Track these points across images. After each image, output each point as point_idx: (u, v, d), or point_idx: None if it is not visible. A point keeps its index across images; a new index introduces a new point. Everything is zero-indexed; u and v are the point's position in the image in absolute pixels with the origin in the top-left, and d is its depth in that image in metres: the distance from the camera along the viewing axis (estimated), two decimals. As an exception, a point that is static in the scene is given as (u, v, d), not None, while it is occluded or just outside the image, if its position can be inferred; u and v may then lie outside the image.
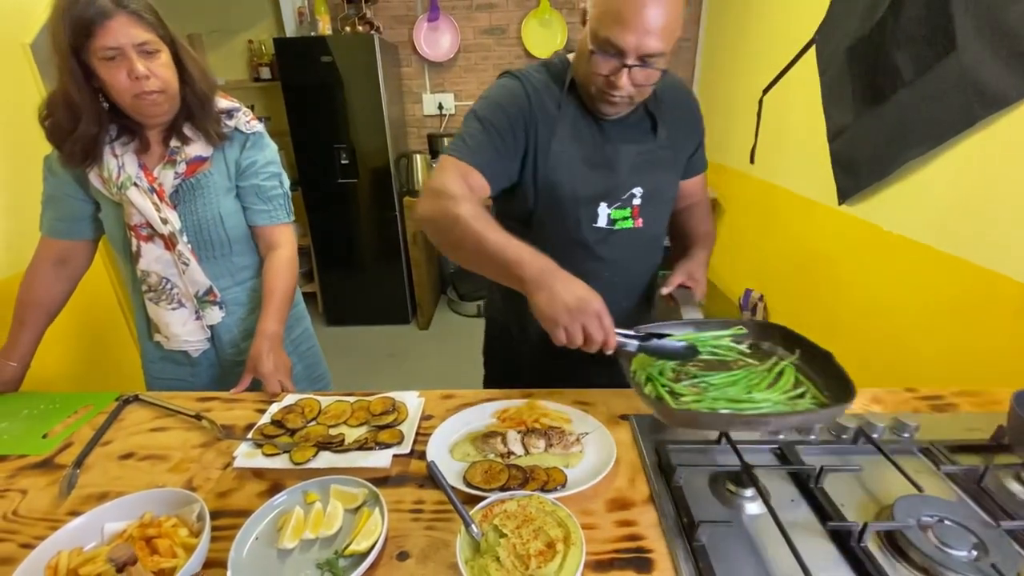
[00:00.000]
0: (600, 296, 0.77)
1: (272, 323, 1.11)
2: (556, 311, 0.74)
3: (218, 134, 1.08)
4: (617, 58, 0.83)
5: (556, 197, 0.99)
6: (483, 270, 0.84)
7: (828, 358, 0.81)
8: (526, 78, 0.99)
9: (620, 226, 1.02)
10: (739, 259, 2.88)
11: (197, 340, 1.15)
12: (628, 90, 0.87)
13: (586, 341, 0.75)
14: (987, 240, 1.38)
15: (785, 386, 0.81)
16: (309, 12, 3.20)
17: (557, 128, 0.97)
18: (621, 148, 1.00)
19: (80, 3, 0.88)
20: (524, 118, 0.96)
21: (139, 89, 0.94)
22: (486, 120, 0.94)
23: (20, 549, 0.69)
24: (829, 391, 0.78)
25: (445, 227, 0.85)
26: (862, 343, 1.85)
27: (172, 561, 0.63)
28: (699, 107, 1.11)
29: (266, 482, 0.80)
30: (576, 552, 0.59)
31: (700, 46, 3.29)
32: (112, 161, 1.02)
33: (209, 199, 1.10)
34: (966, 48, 1.37)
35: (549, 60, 1.03)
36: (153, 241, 1.07)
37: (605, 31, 0.82)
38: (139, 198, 1.03)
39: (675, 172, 1.09)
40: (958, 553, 0.61)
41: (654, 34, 0.80)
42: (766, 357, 0.88)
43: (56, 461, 0.87)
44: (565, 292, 0.74)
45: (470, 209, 0.84)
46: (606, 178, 0.99)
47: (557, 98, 0.98)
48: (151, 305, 1.13)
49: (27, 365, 1.11)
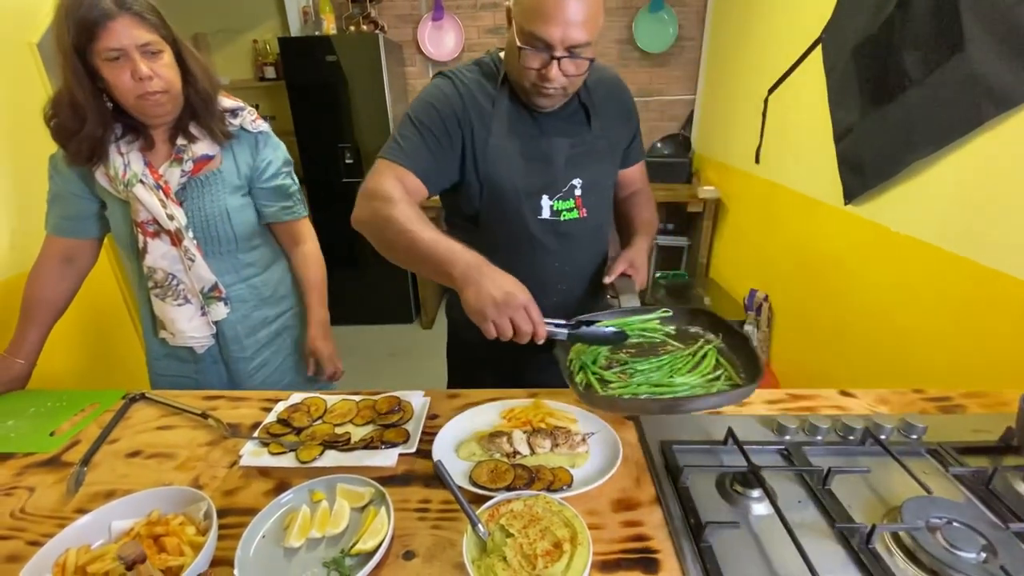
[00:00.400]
0: (527, 289, 0.79)
1: (321, 310, 1.27)
2: (483, 305, 0.76)
3: (223, 132, 1.09)
4: (546, 51, 0.86)
5: (499, 193, 1.01)
6: (417, 269, 0.89)
7: (746, 341, 0.87)
8: (458, 77, 1.00)
9: (566, 217, 1.05)
10: (744, 259, 2.87)
11: (202, 336, 1.16)
12: (560, 81, 0.90)
13: (516, 333, 0.78)
14: (995, 241, 1.37)
15: (705, 369, 0.85)
16: (314, 11, 3.21)
17: (493, 125, 0.98)
18: (557, 141, 1.02)
19: (84, 5, 0.89)
20: (457, 117, 0.97)
21: (142, 90, 0.95)
22: (420, 122, 0.95)
23: (28, 547, 0.69)
24: (746, 373, 0.83)
25: (379, 228, 0.88)
26: (869, 344, 1.84)
27: (179, 559, 0.63)
28: (632, 98, 1.14)
29: (272, 480, 0.80)
30: (583, 552, 0.59)
31: (705, 45, 3.28)
32: (118, 159, 1.03)
33: (216, 196, 1.11)
34: (974, 48, 1.36)
35: (480, 59, 1.04)
36: (159, 237, 1.08)
37: (531, 26, 0.84)
38: (145, 195, 1.04)
39: (612, 162, 1.12)
40: (967, 555, 0.61)
41: (577, 25, 0.83)
42: (693, 341, 0.93)
43: (63, 459, 0.87)
44: (492, 286, 0.77)
45: (403, 210, 0.86)
46: (544, 171, 1.02)
47: (491, 95, 0.99)
48: (157, 301, 1.13)
49: (34, 363, 1.11)
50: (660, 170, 3.24)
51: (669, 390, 0.82)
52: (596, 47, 0.90)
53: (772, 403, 0.97)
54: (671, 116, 3.51)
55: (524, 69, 0.90)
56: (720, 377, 0.84)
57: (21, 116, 1.41)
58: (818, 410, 0.95)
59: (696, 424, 0.89)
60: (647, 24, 3.24)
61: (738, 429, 0.82)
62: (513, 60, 0.93)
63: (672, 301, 2.94)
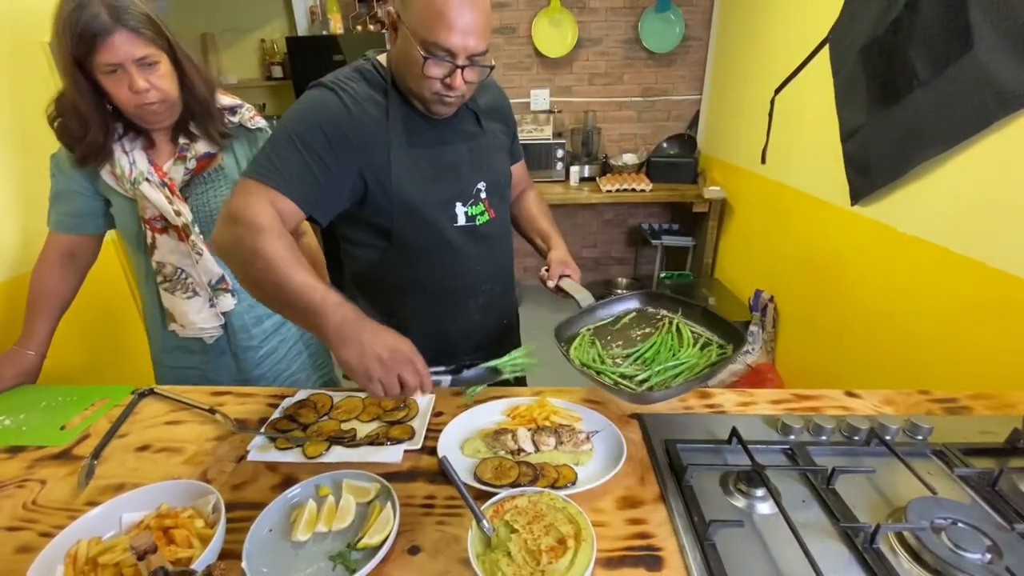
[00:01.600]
0: (410, 340, 0.77)
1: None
2: (368, 365, 0.73)
3: (220, 134, 1.11)
4: (449, 60, 0.85)
5: (412, 208, 0.96)
6: (285, 314, 0.81)
7: (706, 311, 0.99)
8: (342, 89, 0.91)
9: (480, 221, 1.05)
10: (750, 260, 2.86)
11: (211, 327, 1.18)
12: (462, 89, 0.90)
13: (403, 388, 0.75)
14: (1004, 242, 1.36)
15: (690, 341, 0.95)
16: (321, 11, 3.22)
17: (391, 137, 0.93)
18: (458, 147, 1.02)
19: (81, 20, 0.91)
20: (347, 136, 0.89)
21: (140, 101, 0.98)
22: (303, 142, 0.86)
23: (39, 538, 0.70)
24: (725, 339, 0.94)
25: (243, 260, 0.79)
26: (875, 345, 1.83)
27: (188, 551, 0.64)
28: (507, 97, 1.16)
29: (279, 475, 0.81)
30: (587, 549, 0.59)
31: (712, 45, 3.27)
32: (123, 158, 1.06)
33: (220, 191, 1.14)
34: (983, 47, 1.36)
35: (359, 66, 0.97)
36: (167, 233, 1.10)
37: (432, 36, 0.83)
38: (152, 192, 1.06)
39: (505, 159, 1.14)
40: (972, 556, 0.61)
41: (476, 34, 0.84)
42: (659, 322, 1.02)
43: (74, 452, 0.88)
44: (376, 343, 0.73)
45: (272, 243, 0.77)
46: (455, 179, 1.01)
47: (381, 105, 0.93)
48: (166, 295, 1.16)
49: (44, 354, 1.13)
50: (666, 170, 3.23)
51: (685, 367, 0.88)
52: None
53: (777, 403, 0.97)
54: (677, 116, 3.51)
55: (426, 79, 0.87)
56: (709, 345, 0.94)
57: (32, 115, 1.42)
58: (823, 410, 0.95)
59: (700, 423, 0.89)
60: (653, 24, 3.23)
61: (742, 428, 0.82)
62: (409, 70, 0.88)
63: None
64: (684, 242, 3.29)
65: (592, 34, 3.29)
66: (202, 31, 3.38)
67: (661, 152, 3.42)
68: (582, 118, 3.41)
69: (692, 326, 0.99)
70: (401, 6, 0.86)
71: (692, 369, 0.88)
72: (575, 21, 3.23)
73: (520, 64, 3.37)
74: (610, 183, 3.08)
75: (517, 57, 3.36)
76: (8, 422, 0.96)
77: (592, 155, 3.40)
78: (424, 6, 0.82)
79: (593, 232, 3.82)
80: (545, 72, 3.39)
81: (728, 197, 3.02)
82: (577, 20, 3.24)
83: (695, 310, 1.01)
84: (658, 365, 0.89)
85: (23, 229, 1.44)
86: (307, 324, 0.77)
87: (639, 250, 3.84)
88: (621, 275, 3.81)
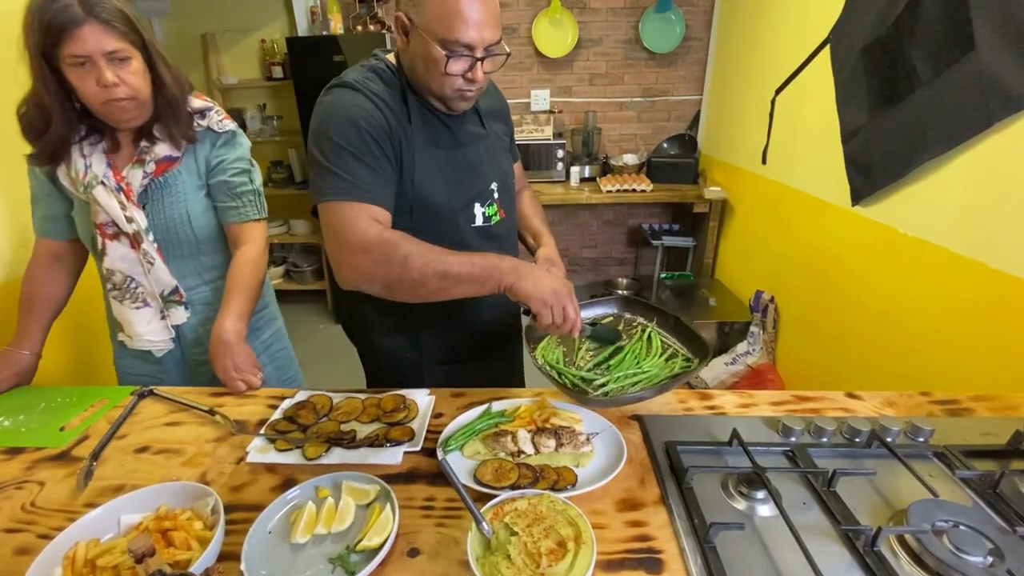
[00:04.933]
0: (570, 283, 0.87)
1: (228, 320, 1.06)
2: (544, 293, 0.84)
3: (186, 136, 1.07)
4: (469, 55, 0.87)
5: (432, 207, 0.98)
6: (452, 294, 0.88)
7: (678, 321, 1.02)
8: (368, 89, 0.92)
9: (494, 221, 1.08)
10: (750, 260, 2.85)
11: (160, 340, 1.15)
12: (482, 81, 0.92)
13: (564, 320, 0.86)
14: (1005, 243, 1.36)
15: (658, 351, 0.98)
16: (321, 11, 3.22)
17: (415, 138, 0.95)
18: (475, 147, 1.03)
19: (50, 10, 0.88)
20: (387, 134, 0.91)
21: (108, 96, 0.95)
22: (356, 149, 0.88)
23: (38, 540, 0.70)
24: (691, 350, 0.97)
25: (398, 274, 0.86)
26: (876, 346, 1.83)
27: (187, 553, 0.64)
28: (504, 98, 1.17)
29: (279, 477, 0.81)
30: (587, 551, 0.59)
31: (712, 45, 3.26)
32: (80, 161, 1.03)
33: (177, 198, 1.09)
34: (984, 48, 1.35)
35: (374, 67, 0.97)
36: (118, 239, 1.07)
37: (451, 33, 0.85)
38: (105, 197, 1.03)
39: (509, 159, 1.16)
40: (973, 559, 0.61)
41: (491, 25, 0.86)
42: (633, 328, 1.06)
43: (73, 454, 0.88)
44: (549, 277, 0.86)
45: (412, 246, 0.86)
46: (475, 180, 1.03)
47: (402, 107, 0.95)
48: (115, 303, 1.13)
49: (38, 354, 1.12)
50: (666, 170, 3.23)
51: (644, 377, 0.91)
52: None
53: (777, 404, 0.97)
54: (677, 116, 3.50)
55: (447, 76, 0.89)
56: (675, 356, 0.96)
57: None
58: (824, 412, 0.95)
59: (700, 425, 0.89)
60: (654, 24, 3.23)
61: (743, 430, 0.82)
62: (429, 70, 0.89)
63: (677, 302, 2.93)
64: (684, 242, 3.29)
65: (592, 34, 3.29)
66: (202, 31, 3.38)
67: (661, 152, 3.42)
68: (582, 118, 3.41)
69: (664, 336, 1.02)
70: (412, 9, 0.86)
71: (652, 379, 0.91)
72: (575, 21, 3.23)
73: (520, 64, 3.37)
74: (610, 183, 3.08)
75: (517, 57, 3.36)
76: (7, 423, 0.96)
77: (592, 155, 3.40)
78: (439, 5, 0.84)
79: (593, 232, 3.82)
80: (545, 72, 3.39)
81: (729, 197, 3.01)
82: (577, 20, 3.23)
83: (668, 319, 1.04)
84: (619, 372, 0.92)
85: (24, 230, 1.43)
86: (483, 286, 0.86)
87: (639, 250, 3.84)
88: (621, 275, 3.81)
